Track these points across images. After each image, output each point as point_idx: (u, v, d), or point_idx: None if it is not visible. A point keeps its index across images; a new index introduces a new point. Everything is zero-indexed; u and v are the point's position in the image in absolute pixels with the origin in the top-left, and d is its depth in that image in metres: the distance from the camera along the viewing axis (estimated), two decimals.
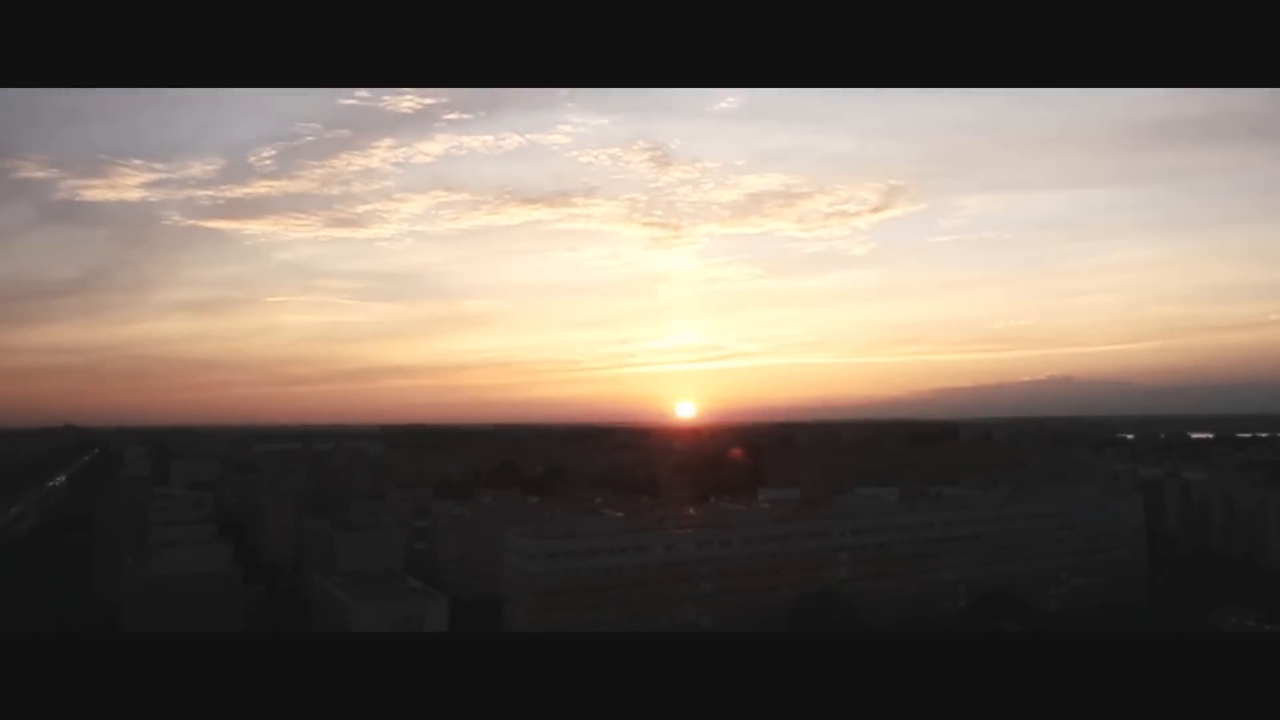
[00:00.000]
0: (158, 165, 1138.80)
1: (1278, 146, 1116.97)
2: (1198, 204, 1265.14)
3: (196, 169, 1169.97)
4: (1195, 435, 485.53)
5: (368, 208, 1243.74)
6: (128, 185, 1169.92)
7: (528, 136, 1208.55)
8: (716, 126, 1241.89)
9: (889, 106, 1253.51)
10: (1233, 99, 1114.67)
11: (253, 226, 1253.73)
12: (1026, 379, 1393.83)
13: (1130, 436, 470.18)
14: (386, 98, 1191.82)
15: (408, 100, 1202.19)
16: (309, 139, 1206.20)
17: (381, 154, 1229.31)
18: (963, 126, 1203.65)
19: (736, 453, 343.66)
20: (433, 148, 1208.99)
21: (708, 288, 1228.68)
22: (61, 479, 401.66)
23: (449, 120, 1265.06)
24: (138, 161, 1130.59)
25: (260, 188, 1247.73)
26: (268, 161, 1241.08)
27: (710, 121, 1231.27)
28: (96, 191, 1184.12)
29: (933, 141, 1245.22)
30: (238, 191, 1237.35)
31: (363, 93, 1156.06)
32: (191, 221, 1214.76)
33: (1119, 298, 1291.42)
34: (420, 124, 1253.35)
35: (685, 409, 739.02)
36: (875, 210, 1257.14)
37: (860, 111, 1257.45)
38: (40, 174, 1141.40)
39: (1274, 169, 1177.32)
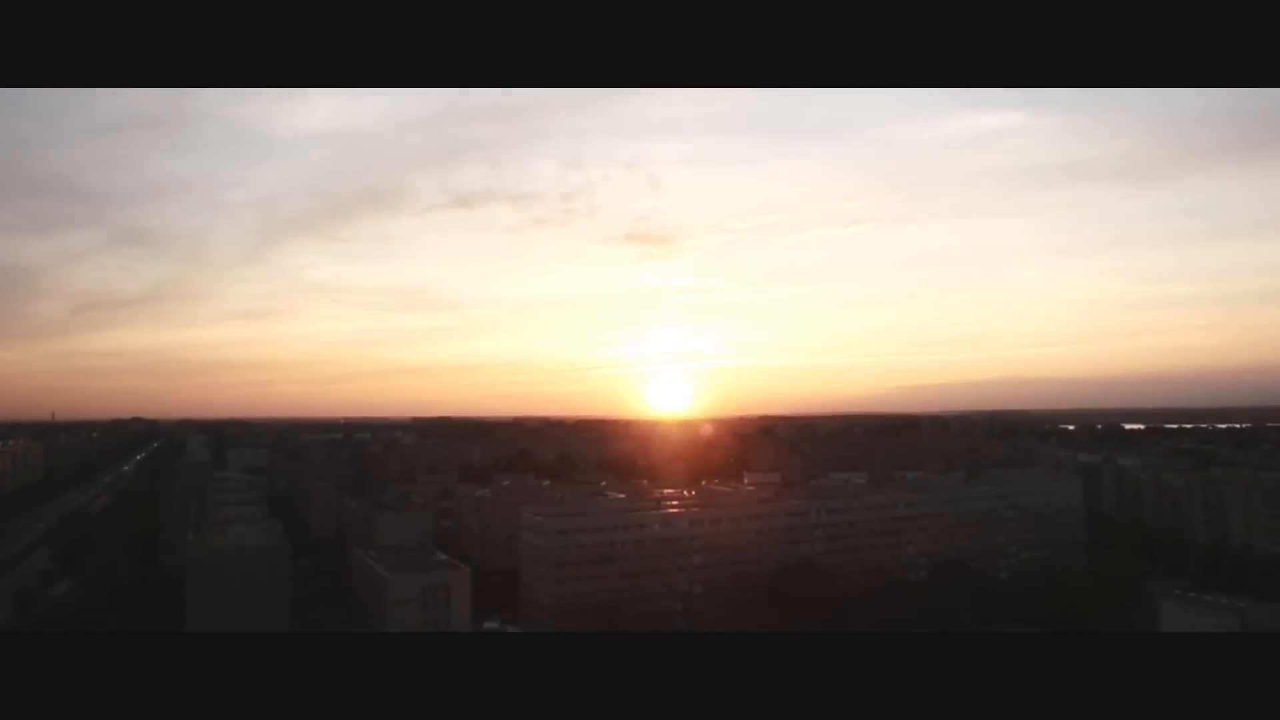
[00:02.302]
0: (206, 190, 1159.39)
1: (1140, 185, 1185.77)
2: (1089, 231, 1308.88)
3: (239, 195, 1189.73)
4: (1129, 426, 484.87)
5: (389, 224, 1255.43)
6: (181, 211, 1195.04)
7: (537, 161, 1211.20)
8: (707, 148, 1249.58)
9: (858, 140, 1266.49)
10: (1115, 144, 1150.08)
11: (288, 247, 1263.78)
12: (979, 377, 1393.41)
13: (1071, 427, 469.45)
14: (410, 134, 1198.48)
15: (426, 131, 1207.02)
16: (335, 169, 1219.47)
17: (402, 177, 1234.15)
18: (909, 164, 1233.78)
19: (708, 434, 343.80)
20: (448, 172, 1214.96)
21: (696, 296, 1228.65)
22: (131, 465, 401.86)
23: (462, 148, 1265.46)
24: (190, 189, 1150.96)
25: (297, 206, 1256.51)
26: (302, 188, 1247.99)
27: (701, 143, 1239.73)
28: (156, 217, 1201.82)
29: (891, 174, 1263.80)
30: (276, 212, 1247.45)
31: (381, 134, 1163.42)
32: (235, 243, 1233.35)
33: (1047, 307, 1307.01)
34: (437, 151, 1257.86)
35: (678, 405, 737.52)
36: (845, 226, 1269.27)
37: (830, 143, 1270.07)
38: (107, 202, 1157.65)
39: (1136, 204, 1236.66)
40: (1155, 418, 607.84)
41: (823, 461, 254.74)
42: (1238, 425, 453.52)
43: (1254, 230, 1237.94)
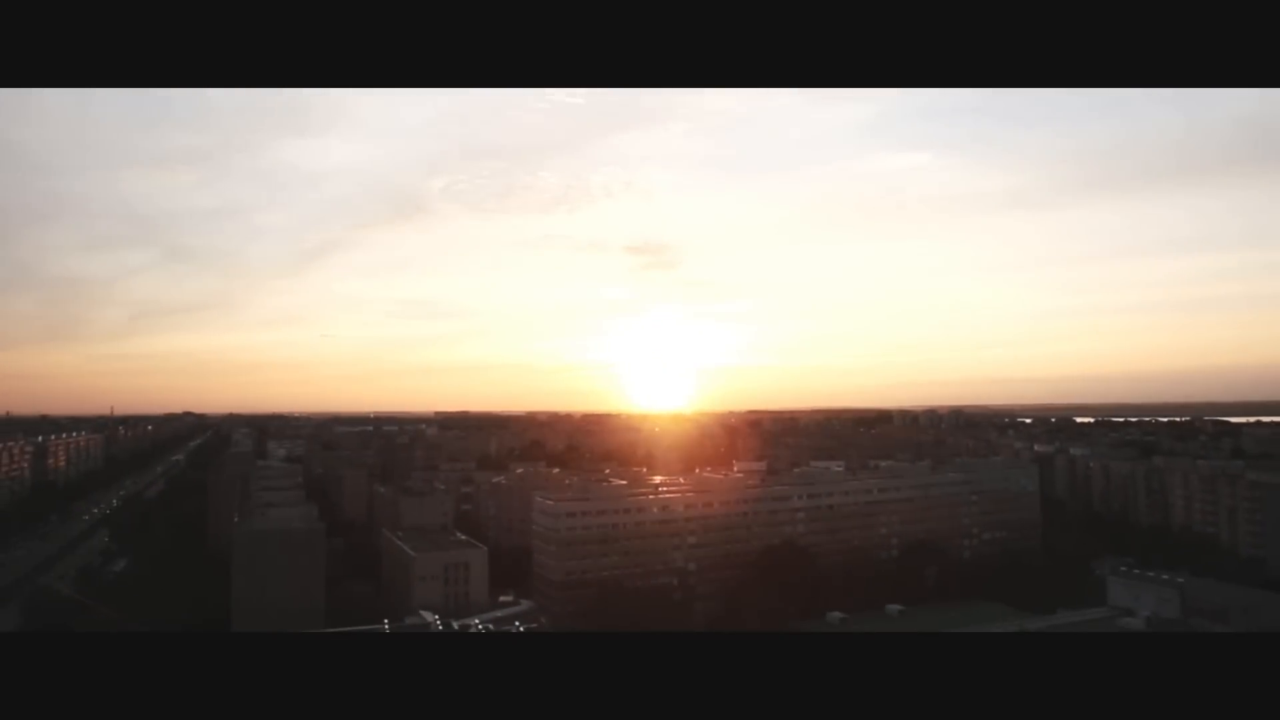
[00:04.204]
0: (244, 214, 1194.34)
1: (1041, 214, 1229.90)
2: (1010, 253, 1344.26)
3: (273, 218, 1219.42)
4: (1079, 420, 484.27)
5: (407, 241, 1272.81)
6: (223, 232, 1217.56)
7: (543, 180, 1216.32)
8: (694, 174, 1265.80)
9: (810, 175, 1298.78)
10: (1012, 177, 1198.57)
11: (315, 263, 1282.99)
12: (944, 376, 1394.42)
13: (1027, 420, 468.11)
14: (423, 157, 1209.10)
15: (438, 153, 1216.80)
16: (356, 195, 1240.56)
17: (417, 198, 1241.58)
18: (854, 194, 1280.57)
19: (701, 427, 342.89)
20: (460, 192, 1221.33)
21: (689, 303, 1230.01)
22: (183, 454, 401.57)
23: (472, 169, 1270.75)
24: (230, 213, 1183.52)
25: (322, 228, 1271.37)
26: (326, 212, 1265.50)
27: (689, 171, 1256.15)
28: (201, 237, 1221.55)
29: (841, 201, 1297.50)
30: (304, 233, 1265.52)
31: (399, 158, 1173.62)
32: (270, 259, 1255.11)
33: (994, 315, 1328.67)
34: (449, 172, 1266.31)
35: (673, 401, 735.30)
36: (815, 245, 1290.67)
37: (789, 175, 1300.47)
38: (159, 224, 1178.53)
39: (1042, 228, 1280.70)
40: (1103, 412, 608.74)
41: (804, 451, 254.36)
42: (1177, 419, 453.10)
43: (1160, 249, 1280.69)
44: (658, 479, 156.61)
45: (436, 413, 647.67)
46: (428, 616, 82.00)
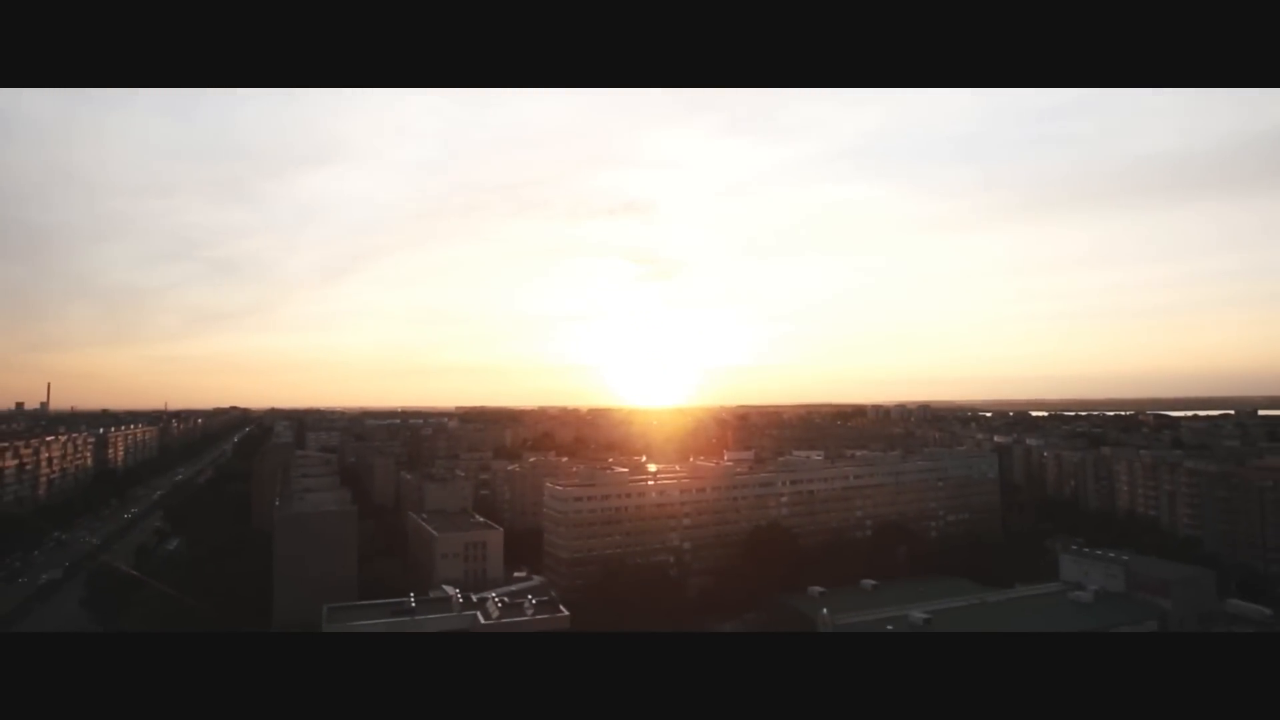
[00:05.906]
0: (279, 232, 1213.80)
1: (1001, 231, 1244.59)
2: (973, 267, 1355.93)
3: (305, 234, 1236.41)
4: (1035, 413, 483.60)
5: (421, 255, 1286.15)
6: (261, 249, 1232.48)
7: (547, 196, 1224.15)
8: (688, 191, 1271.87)
9: (776, 200, 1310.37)
10: (949, 202, 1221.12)
11: (343, 276, 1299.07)
12: (913, 375, 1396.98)
13: (988, 414, 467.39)
14: (434, 175, 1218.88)
15: (447, 168, 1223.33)
16: (373, 216, 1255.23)
17: (431, 214, 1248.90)
18: (809, 220, 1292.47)
19: (694, 420, 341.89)
20: (469, 207, 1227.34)
21: (684, 308, 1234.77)
22: (230, 445, 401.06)
23: (481, 186, 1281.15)
24: (267, 230, 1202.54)
25: (346, 243, 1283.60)
26: (349, 231, 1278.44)
27: (683, 187, 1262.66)
28: (243, 252, 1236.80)
29: (799, 225, 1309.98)
30: (332, 249, 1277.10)
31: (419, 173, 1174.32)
32: (303, 272, 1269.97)
33: (956, 321, 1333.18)
34: (458, 186, 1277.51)
35: (670, 398, 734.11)
36: (804, 259, 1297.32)
37: (756, 199, 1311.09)
38: (205, 241, 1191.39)
39: (983, 247, 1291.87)
40: (1056, 407, 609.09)
41: (788, 442, 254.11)
42: (1123, 413, 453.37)
43: (1108, 261, 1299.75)
44: (656, 467, 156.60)
45: (457, 408, 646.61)
46: (449, 590, 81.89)
